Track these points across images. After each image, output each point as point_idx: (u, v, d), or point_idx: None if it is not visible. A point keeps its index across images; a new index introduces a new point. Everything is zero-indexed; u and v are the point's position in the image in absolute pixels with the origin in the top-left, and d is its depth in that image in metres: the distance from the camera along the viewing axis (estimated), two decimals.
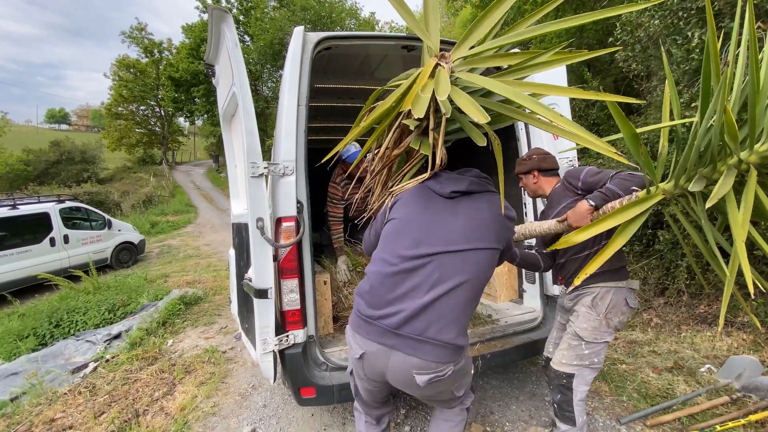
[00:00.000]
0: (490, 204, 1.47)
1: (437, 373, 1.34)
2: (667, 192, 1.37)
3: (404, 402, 2.68)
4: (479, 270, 1.39)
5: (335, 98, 4.13)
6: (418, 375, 1.34)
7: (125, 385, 3.10)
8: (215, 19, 2.07)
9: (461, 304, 1.36)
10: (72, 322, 4.55)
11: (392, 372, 1.38)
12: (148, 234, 12.19)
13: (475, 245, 1.39)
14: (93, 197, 16.49)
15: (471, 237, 1.39)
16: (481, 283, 1.41)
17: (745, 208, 1.12)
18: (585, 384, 1.92)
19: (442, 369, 1.35)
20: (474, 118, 1.11)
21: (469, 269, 1.37)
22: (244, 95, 1.95)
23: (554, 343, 2.17)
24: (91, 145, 24.49)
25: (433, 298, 1.33)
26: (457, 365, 1.39)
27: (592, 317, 1.87)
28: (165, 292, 5.47)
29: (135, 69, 27.35)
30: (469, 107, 1.13)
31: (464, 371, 1.50)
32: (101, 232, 8.13)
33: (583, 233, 1.37)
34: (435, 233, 1.40)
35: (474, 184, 1.49)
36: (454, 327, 1.34)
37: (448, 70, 1.28)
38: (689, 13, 3.51)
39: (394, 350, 1.35)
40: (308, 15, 19.60)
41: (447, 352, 1.34)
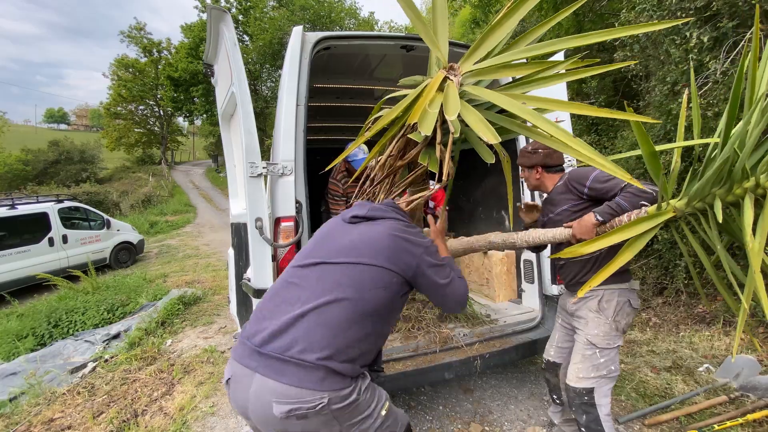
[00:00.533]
0: (387, 227, 1.37)
1: (300, 403, 1.09)
2: (678, 210, 1.30)
3: (402, 401, 2.69)
4: (363, 289, 1.23)
5: (334, 98, 4.13)
6: (276, 404, 1.10)
7: (124, 385, 3.10)
8: (214, 19, 2.07)
9: (337, 322, 1.18)
10: (71, 322, 4.54)
11: (252, 402, 1.15)
12: (147, 234, 12.18)
13: (359, 260, 1.27)
14: (92, 197, 16.48)
15: (356, 252, 1.29)
16: (367, 305, 1.22)
17: (761, 235, 1.06)
18: (606, 396, 1.80)
19: (308, 399, 1.10)
20: (484, 138, 1.08)
21: (351, 286, 1.23)
22: (243, 95, 1.95)
23: (556, 346, 2.10)
24: (90, 145, 24.45)
25: (303, 312, 1.18)
26: (340, 400, 1.13)
27: (602, 322, 1.79)
28: (164, 292, 5.47)
29: (134, 69, 27.30)
30: (479, 126, 1.10)
31: (359, 412, 1.20)
32: (100, 232, 8.12)
33: (589, 246, 1.31)
34: (324, 246, 1.35)
35: (375, 211, 1.43)
36: (327, 347, 1.14)
37: (457, 84, 1.24)
38: (687, 13, 3.51)
39: (256, 373, 1.14)
40: (307, 15, 19.60)
41: (316, 377, 1.12)
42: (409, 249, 1.33)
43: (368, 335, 1.25)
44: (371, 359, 1.33)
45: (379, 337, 1.34)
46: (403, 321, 2.64)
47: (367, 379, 1.27)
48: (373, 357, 1.34)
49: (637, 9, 4.07)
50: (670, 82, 3.96)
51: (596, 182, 1.72)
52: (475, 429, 2.39)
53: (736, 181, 1.15)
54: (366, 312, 1.22)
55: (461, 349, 2.38)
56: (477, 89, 1.23)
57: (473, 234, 2.33)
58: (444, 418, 2.52)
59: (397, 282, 1.31)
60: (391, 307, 1.32)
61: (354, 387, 1.19)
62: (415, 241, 1.37)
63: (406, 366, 2.19)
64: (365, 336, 1.23)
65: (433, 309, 2.75)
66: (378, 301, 1.25)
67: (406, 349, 2.35)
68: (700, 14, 3.48)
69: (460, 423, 2.47)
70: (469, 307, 2.88)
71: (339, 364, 1.15)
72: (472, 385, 2.89)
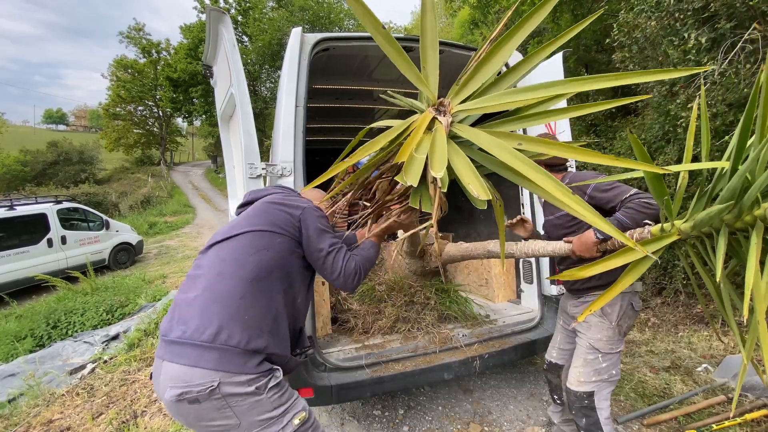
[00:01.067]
0: (264, 199, 1.44)
1: (190, 386, 1.06)
2: (683, 233, 1.20)
3: (402, 402, 2.69)
4: (243, 255, 1.24)
5: (333, 99, 4.14)
6: (169, 388, 1.08)
7: (123, 386, 3.10)
8: (213, 20, 2.08)
9: (227, 294, 1.17)
10: (70, 323, 4.54)
11: (160, 392, 1.13)
12: (146, 235, 12.17)
13: (238, 231, 1.31)
14: (91, 198, 16.45)
15: (237, 227, 1.33)
16: (251, 272, 1.22)
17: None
18: (606, 399, 1.80)
19: (198, 381, 1.06)
20: (474, 193, 1.00)
21: (232, 256, 1.25)
22: (242, 96, 1.96)
23: (558, 348, 2.09)
24: (88, 146, 24.41)
25: (197, 294, 1.18)
26: (234, 386, 1.09)
27: (605, 326, 1.76)
28: (163, 293, 5.46)
29: (133, 69, 27.28)
30: (470, 179, 1.02)
31: (261, 410, 1.14)
32: (99, 233, 8.11)
33: (588, 271, 1.22)
34: (216, 235, 1.39)
35: (254, 194, 1.51)
36: (220, 321, 1.12)
37: (446, 126, 1.14)
38: (685, 14, 3.52)
39: (163, 361, 1.13)
40: (307, 15, 19.61)
41: (210, 357, 1.08)
42: (286, 210, 1.37)
43: (267, 308, 1.22)
44: (283, 345, 1.27)
45: (286, 314, 1.29)
46: (402, 322, 2.65)
47: (278, 378, 1.21)
48: (286, 342, 1.29)
49: (636, 10, 4.08)
50: (668, 82, 3.97)
51: (597, 191, 1.66)
52: (474, 429, 2.39)
53: (746, 208, 1.04)
54: (252, 278, 1.21)
55: (460, 350, 2.38)
56: (468, 131, 1.14)
57: (472, 235, 2.35)
58: (443, 419, 2.52)
59: (283, 242, 1.31)
60: (286, 272, 1.30)
61: (254, 378, 1.13)
62: (294, 204, 1.40)
63: (405, 366, 2.19)
64: (263, 309, 1.21)
65: (432, 311, 2.75)
66: (262, 264, 1.24)
67: (406, 349, 2.35)
68: (698, 15, 3.49)
69: (459, 423, 2.47)
70: (468, 307, 2.90)
71: (236, 342, 1.11)
72: (471, 386, 2.90)
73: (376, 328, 2.62)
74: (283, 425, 1.19)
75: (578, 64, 7.33)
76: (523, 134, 1.26)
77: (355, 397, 2.20)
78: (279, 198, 1.43)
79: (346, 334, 2.65)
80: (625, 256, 1.18)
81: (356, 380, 2.07)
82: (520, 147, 1.08)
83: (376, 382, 2.09)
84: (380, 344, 2.43)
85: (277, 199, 1.42)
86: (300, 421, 1.23)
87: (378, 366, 2.18)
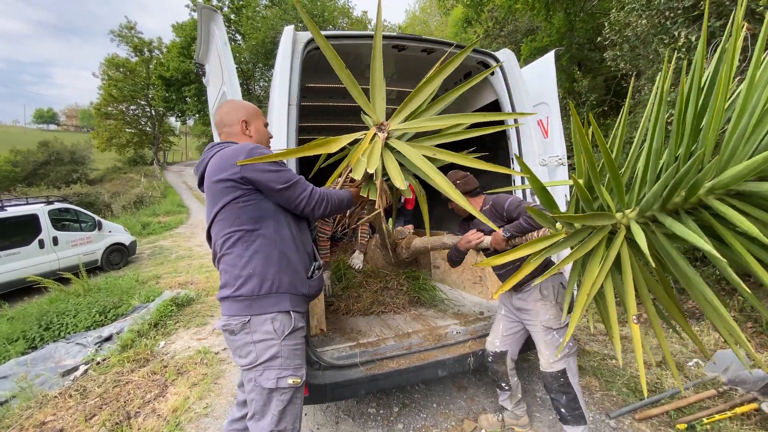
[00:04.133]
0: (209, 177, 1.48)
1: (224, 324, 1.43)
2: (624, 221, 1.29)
3: (396, 400, 2.70)
4: (211, 207, 1.48)
5: (326, 97, 4.13)
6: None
7: (116, 388, 3.08)
8: (204, 18, 2.06)
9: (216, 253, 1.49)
10: (62, 324, 4.49)
11: None
12: (140, 235, 12.07)
13: (209, 223, 1.52)
14: (83, 198, 16.29)
15: (208, 216, 1.52)
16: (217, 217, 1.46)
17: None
18: (575, 375, 2.01)
19: (226, 321, 1.42)
20: (396, 184, 1.46)
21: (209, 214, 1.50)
22: (235, 95, 1.95)
23: (501, 335, 2.24)
24: (80, 146, 24.16)
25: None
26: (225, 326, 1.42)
27: (549, 306, 2.03)
28: (157, 294, 5.43)
29: (125, 68, 27.03)
30: (394, 174, 1.49)
31: (240, 351, 1.43)
32: (91, 234, 8.03)
33: (500, 259, 1.52)
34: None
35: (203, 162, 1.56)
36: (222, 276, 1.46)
37: (382, 140, 1.59)
38: (675, 12, 3.56)
39: None
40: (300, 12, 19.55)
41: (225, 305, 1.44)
42: (226, 182, 1.42)
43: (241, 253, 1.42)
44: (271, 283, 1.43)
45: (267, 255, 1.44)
46: (378, 304, 3.12)
47: (265, 326, 1.41)
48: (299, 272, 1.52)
49: (627, 9, 4.12)
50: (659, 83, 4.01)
51: (510, 207, 2.04)
52: (468, 426, 2.41)
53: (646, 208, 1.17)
54: (219, 223, 1.44)
55: (455, 347, 2.39)
56: (397, 143, 1.63)
57: (455, 229, 2.45)
58: (438, 416, 2.53)
59: (234, 186, 1.41)
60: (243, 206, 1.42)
61: (238, 322, 1.40)
62: (228, 167, 1.43)
63: (399, 364, 2.20)
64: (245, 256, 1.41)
65: (404, 295, 3.22)
66: (221, 206, 1.43)
67: (400, 347, 2.36)
68: (687, 14, 3.52)
69: (453, 420, 2.49)
70: (436, 294, 3.28)
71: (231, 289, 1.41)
72: (465, 383, 2.91)
73: (356, 309, 3.08)
74: (258, 368, 1.43)
75: (571, 62, 7.37)
76: (434, 147, 1.64)
77: (349, 396, 2.20)
78: (215, 167, 1.43)
79: (339, 332, 2.65)
80: (525, 249, 1.49)
81: (351, 378, 2.07)
82: (434, 156, 1.60)
83: (371, 379, 2.10)
84: (375, 342, 2.43)
85: (214, 172, 1.44)
86: (292, 384, 1.44)
87: (372, 364, 2.19)
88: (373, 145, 1.56)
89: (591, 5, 6.92)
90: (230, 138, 1.59)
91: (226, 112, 1.60)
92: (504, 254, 1.51)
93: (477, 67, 3.03)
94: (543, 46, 7.35)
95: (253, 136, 1.61)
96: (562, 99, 7.32)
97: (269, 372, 1.39)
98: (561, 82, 7.34)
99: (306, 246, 1.62)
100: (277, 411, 1.39)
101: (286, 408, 1.41)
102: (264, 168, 1.41)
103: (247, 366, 1.41)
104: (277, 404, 1.39)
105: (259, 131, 1.63)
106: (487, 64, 2.92)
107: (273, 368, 1.39)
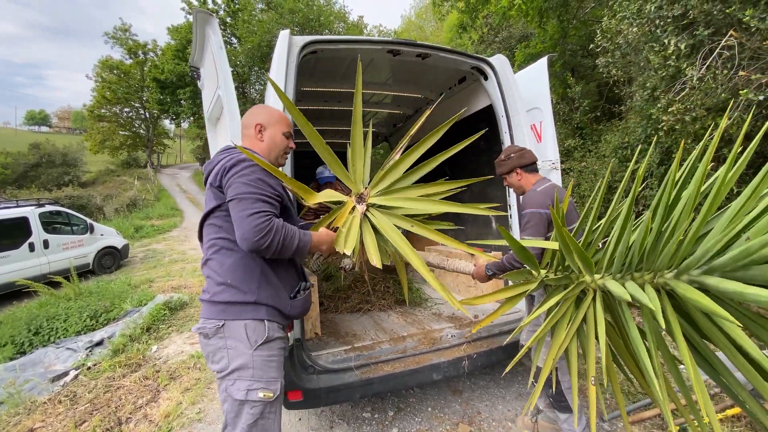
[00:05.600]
0: (209, 180, 1.50)
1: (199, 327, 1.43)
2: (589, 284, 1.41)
3: (391, 403, 2.69)
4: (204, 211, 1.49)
5: (322, 101, 4.14)
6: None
7: (107, 393, 3.04)
8: (200, 22, 2.07)
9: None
10: (52, 329, 4.42)
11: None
12: (132, 238, 11.95)
13: (201, 225, 1.53)
14: (74, 201, 16.11)
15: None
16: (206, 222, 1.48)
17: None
18: (564, 373, 2.10)
19: (202, 324, 1.42)
20: (372, 263, 1.54)
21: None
22: (229, 98, 1.95)
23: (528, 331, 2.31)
24: (72, 148, 23.95)
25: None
26: (202, 328, 1.41)
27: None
28: (149, 298, 5.37)
29: (119, 70, 26.87)
30: (371, 251, 1.58)
31: (214, 357, 1.40)
32: (83, 237, 7.94)
33: (479, 301, 1.63)
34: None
35: (209, 165, 1.54)
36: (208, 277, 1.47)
37: (361, 212, 1.70)
38: (665, 21, 3.63)
39: None
40: (296, 18, 19.55)
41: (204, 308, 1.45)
42: (216, 189, 1.43)
43: (222, 261, 1.41)
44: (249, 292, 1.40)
45: (247, 269, 1.42)
46: (365, 303, 3.27)
47: (238, 332, 1.38)
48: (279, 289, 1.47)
49: (618, 17, 4.19)
50: (650, 87, 4.08)
51: (522, 219, 2.05)
52: (463, 429, 2.41)
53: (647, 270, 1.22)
54: (208, 227, 1.45)
55: (449, 350, 2.40)
56: (376, 215, 1.72)
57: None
58: (433, 419, 2.53)
59: (221, 195, 1.40)
60: (228, 216, 1.39)
61: (212, 325, 1.38)
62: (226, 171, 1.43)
63: (394, 367, 2.20)
64: (225, 265, 1.41)
65: (391, 296, 3.40)
66: (209, 210, 1.43)
67: (395, 350, 2.36)
68: (677, 22, 3.59)
69: (448, 424, 2.48)
70: (419, 295, 3.44)
71: (209, 294, 1.41)
72: (460, 386, 2.91)
73: (344, 308, 3.25)
74: (231, 381, 1.39)
75: (564, 68, 7.46)
76: (412, 219, 1.73)
77: (344, 399, 2.19)
78: (214, 172, 1.43)
79: (334, 335, 2.65)
80: (502, 293, 1.61)
81: (345, 382, 2.07)
82: (411, 228, 1.71)
83: (366, 383, 2.10)
84: (370, 345, 2.43)
85: (211, 176, 1.45)
86: (262, 399, 1.38)
87: (367, 367, 2.19)
88: (352, 220, 1.65)
89: (584, 13, 7.02)
90: (245, 139, 1.57)
91: (250, 113, 1.58)
92: (482, 297, 1.66)
93: (471, 72, 3.06)
94: (537, 52, 7.43)
95: (265, 142, 1.55)
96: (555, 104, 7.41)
97: (240, 383, 1.35)
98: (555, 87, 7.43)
99: (294, 264, 1.57)
100: (247, 425, 1.34)
101: (256, 422, 1.35)
102: (236, 179, 1.35)
103: (220, 373, 1.38)
104: (247, 417, 1.34)
105: (273, 138, 1.57)
106: (480, 69, 2.96)
107: (244, 379, 1.35)
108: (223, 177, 1.37)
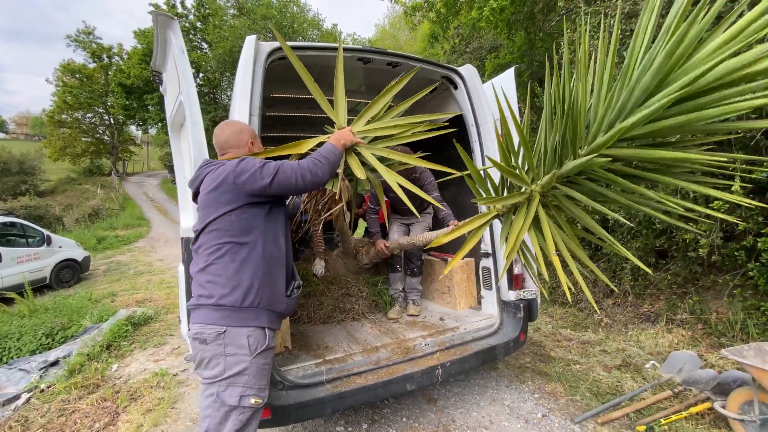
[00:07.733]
0: (204, 189, 1.57)
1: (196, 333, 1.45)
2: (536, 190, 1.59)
3: (365, 416, 2.64)
4: (203, 220, 1.53)
5: (294, 108, 4.08)
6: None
7: (61, 417, 2.83)
8: (161, 26, 1.99)
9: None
10: (4, 349, 4.10)
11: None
12: (94, 250, 11.37)
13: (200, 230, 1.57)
14: (31, 212, 15.19)
15: (200, 221, 1.56)
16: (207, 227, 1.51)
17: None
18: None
19: (200, 329, 1.44)
20: (356, 174, 1.75)
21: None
22: (192, 105, 1.88)
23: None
24: (30, 155, 22.61)
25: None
26: (196, 333, 1.42)
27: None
28: (111, 313, 5.08)
29: (81, 74, 25.74)
30: (354, 167, 1.76)
31: (208, 363, 1.41)
32: (39, 249, 7.47)
33: (445, 238, 1.76)
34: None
35: (197, 178, 1.62)
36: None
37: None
38: (624, 34, 3.80)
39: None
40: (270, 24, 19.39)
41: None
42: (219, 190, 1.49)
43: (228, 263, 1.44)
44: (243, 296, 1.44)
45: (254, 267, 1.48)
46: (339, 312, 3.16)
47: (239, 340, 1.40)
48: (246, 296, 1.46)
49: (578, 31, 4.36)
50: None
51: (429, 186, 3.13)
52: None
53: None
54: (210, 233, 1.47)
55: (422, 359, 2.38)
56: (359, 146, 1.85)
57: (460, 219, 2.65)
58: (408, 430, 2.49)
59: (228, 199, 1.47)
60: (236, 219, 1.47)
61: (213, 331, 1.39)
62: (220, 174, 1.52)
63: (367, 380, 2.15)
64: (233, 266, 1.44)
65: (365, 300, 3.33)
66: (213, 218, 1.47)
67: (367, 362, 2.32)
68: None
69: None
70: (430, 315, 3.09)
71: (215, 298, 1.42)
72: (435, 395, 2.89)
73: (317, 317, 3.09)
74: (222, 386, 1.41)
75: (532, 78, 7.69)
76: (385, 148, 1.87)
77: (315, 415, 2.12)
78: (212, 180, 1.50)
79: (305, 348, 2.57)
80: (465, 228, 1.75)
81: (316, 397, 2.00)
82: (387, 156, 1.87)
83: (338, 397, 2.04)
84: (342, 358, 2.37)
85: (210, 184, 1.51)
86: (252, 405, 1.41)
87: (339, 381, 2.13)
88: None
89: (549, 26, 7.28)
90: (237, 154, 1.69)
91: (234, 132, 1.72)
92: (449, 233, 1.76)
93: (441, 81, 3.10)
94: (506, 62, 7.63)
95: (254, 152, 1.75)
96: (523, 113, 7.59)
97: (233, 389, 1.37)
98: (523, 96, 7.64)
99: (288, 263, 1.67)
100: (234, 430, 1.36)
101: (241, 429, 1.38)
102: (249, 170, 1.47)
103: (211, 379, 1.38)
104: (233, 423, 1.36)
105: (259, 149, 1.79)
106: (450, 78, 3.00)
107: (238, 385, 1.38)
108: (238, 176, 1.46)
